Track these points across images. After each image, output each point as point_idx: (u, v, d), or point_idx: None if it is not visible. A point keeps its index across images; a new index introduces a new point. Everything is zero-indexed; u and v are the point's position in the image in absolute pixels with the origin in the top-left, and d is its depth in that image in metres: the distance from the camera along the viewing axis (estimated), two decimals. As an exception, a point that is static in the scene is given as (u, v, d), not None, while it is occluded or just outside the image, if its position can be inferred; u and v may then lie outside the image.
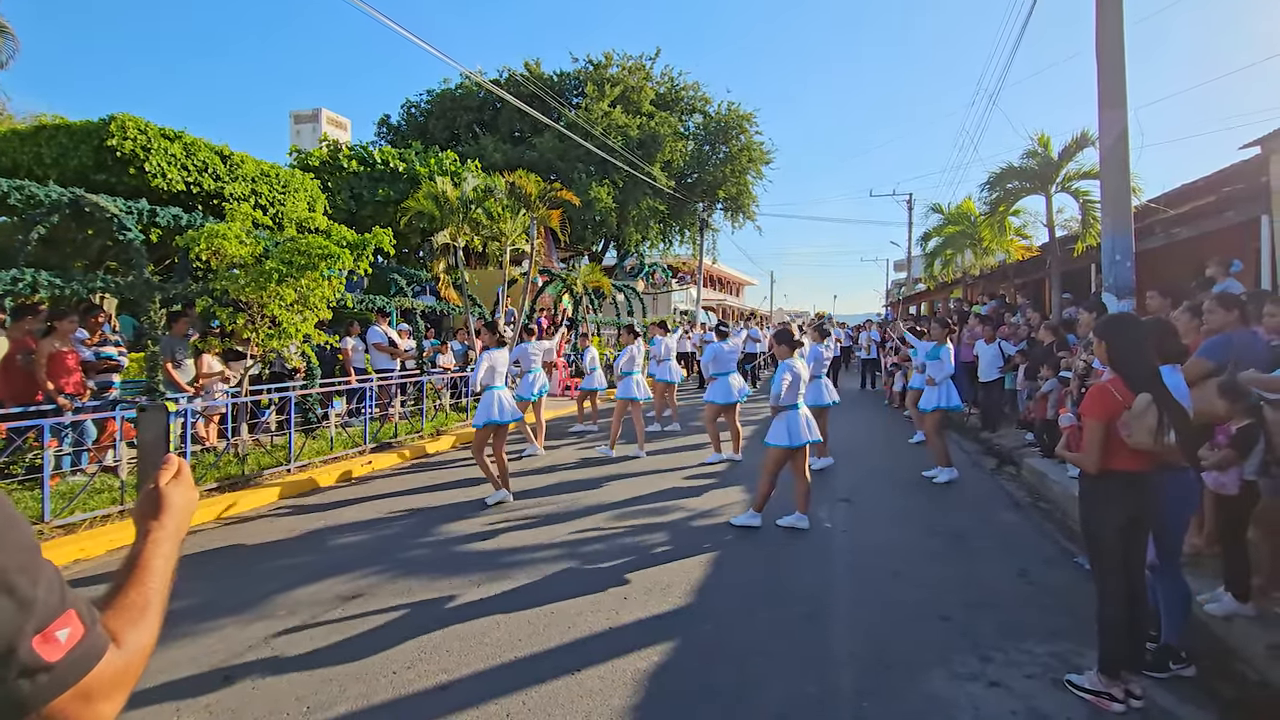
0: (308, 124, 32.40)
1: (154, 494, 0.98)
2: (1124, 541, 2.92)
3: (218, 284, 6.61)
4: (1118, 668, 2.90)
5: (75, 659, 0.72)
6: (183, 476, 1.03)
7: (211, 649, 3.40)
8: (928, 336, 8.19)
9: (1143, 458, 2.85)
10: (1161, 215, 9.42)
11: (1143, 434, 2.75)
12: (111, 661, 0.76)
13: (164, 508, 0.97)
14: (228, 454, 6.72)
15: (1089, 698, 2.90)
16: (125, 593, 0.86)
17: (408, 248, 15.93)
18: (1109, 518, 2.91)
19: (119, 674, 0.78)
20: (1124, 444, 2.84)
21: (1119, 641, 2.90)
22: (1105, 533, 2.93)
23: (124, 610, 0.84)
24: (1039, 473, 6.80)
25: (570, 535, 5.22)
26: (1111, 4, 6.82)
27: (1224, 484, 3.58)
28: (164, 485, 0.99)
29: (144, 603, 0.86)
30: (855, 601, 4.00)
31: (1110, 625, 2.91)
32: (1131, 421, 2.78)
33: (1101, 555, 2.98)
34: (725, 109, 26.85)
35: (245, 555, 4.86)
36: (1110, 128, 6.90)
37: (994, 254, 14.90)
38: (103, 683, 0.75)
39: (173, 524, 0.96)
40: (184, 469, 1.04)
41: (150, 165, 8.71)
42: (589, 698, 2.95)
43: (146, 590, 0.87)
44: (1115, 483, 2.91)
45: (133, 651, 0.81)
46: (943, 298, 22.10)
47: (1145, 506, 2.92)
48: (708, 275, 38.23)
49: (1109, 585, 2.94)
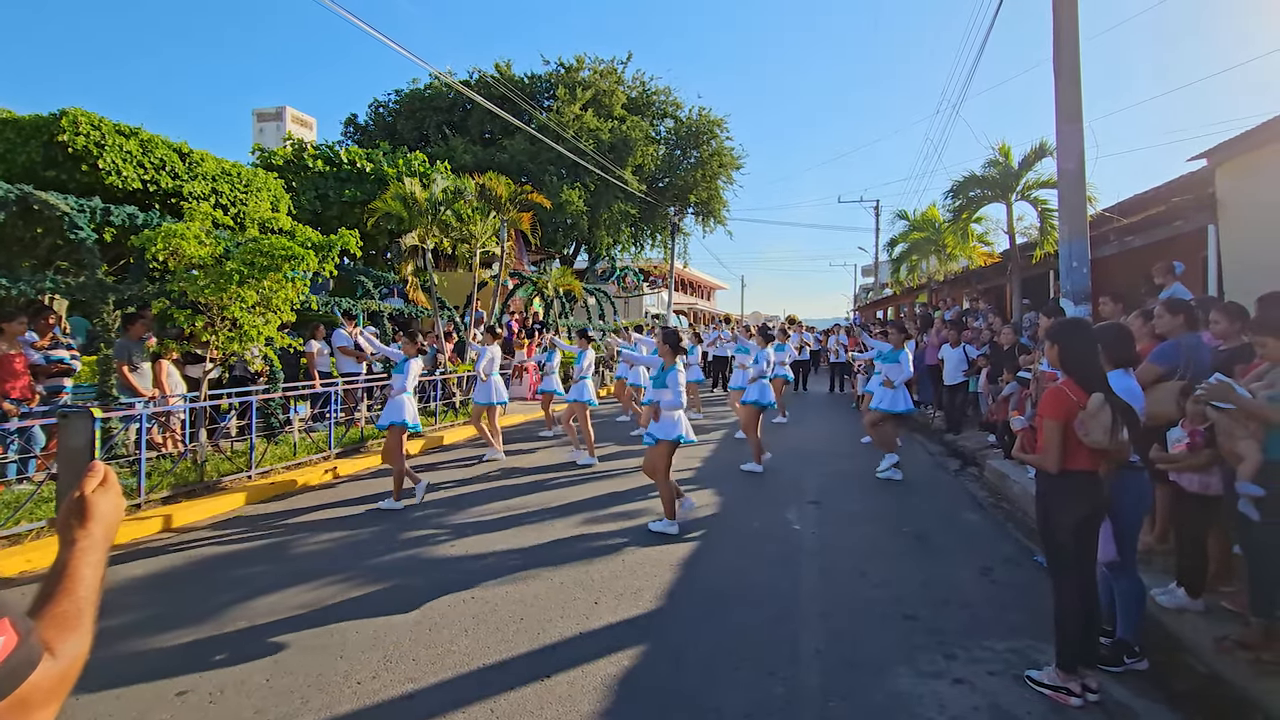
0: (271, 122, 31.80)
1: (80, 502, 0.96)
2: (1078, 539, 3.01)
3: (175, 285, 6.41)
4: (1075, 663, 2.98)
5: (11, 668, 0.72)
6: (109, 484, 1.01)
7: (165, 663, 3.28)
8: (887, 339, 8.41)
9: (1097, 457, 2.95)
10: (1116, 224, 9.76)
11: (1098, 432, 2.85)
12: (47, 671, 0.77)
13: (91, 516, 0.95)
14: (185, 460, 6.52)
15: (1048, 693, 2.98)
16: (56, 602, 0.86)
17: (375, 249, 15.70)
18: (1065, 516, 3.00)
19: (54, 683, 0.78)
20: (1080, 444, 2.93)
21: (1076, 637, 2.98)
22: (1061, 531, 3.02)
23: (56, 620, 0.84)
24: (1000, 473, 6.97)
25: (539, 540, 5.17)
26: (1068, 21, 7.06)
27: (1209, 484, 3.61)
28: (90, 493, 0.97)
29: (75, 611, 0.86)
30: (823, 601, 4.05)
31: (1067, 621, 3.00)
32: (1087, 421, 2.88)
33: (1057, 553, 3.07)
34: (696, 114, 27.08)
35: (202, 565, 4.71)
36: (1067, 140, 7.13)
37: (957, 260, 15.29)
38: (39, 692, 0.75)
39: (100, 532, 0.95)
40: (110, 476, 1.02)
41: (104, 162, 8.43)
42: (558, 704, 2.93)
43: (77, 599, 0.87)
44: (1072, 482, 2.99)
45: (67, 661, 0.81)
46: (909, 302, 22.54)
47: (1099, 505, 3.02)
48: (679, 279, 38.41)
49: (1064, 582, 3.03)
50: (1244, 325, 3.83)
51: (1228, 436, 3.22)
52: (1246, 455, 3.10)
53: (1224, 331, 4.02)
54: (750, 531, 5.40)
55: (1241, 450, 3.12)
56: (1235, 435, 3.17)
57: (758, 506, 6.15)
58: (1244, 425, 3.14)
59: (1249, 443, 3.10)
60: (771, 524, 5.60)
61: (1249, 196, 7.00)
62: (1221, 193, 7.33)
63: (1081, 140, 7.09)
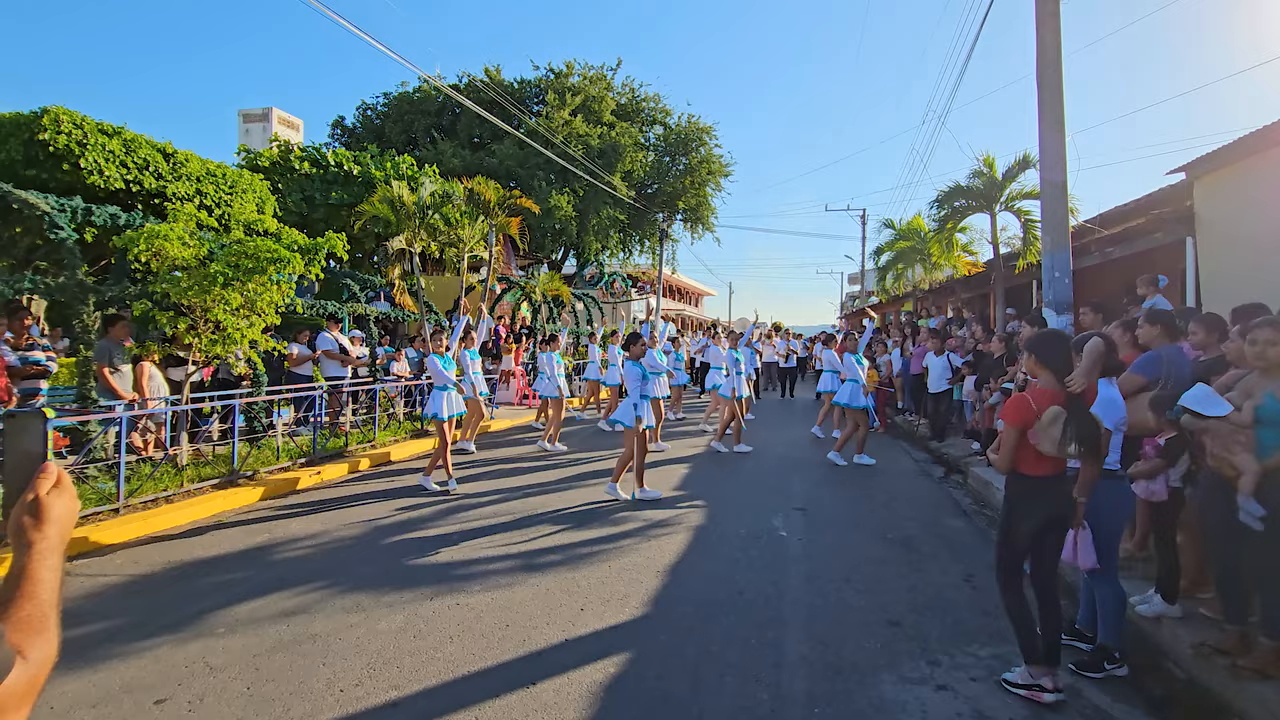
0: (257, 123, 31.54)
1: (34, 504, 0.95)
2: (1037, 542, 3.12)
3: (158, 287, 6.33)
4: (1038, 654, 3.06)
5: None
6: (62, 485, 1.00)
7: (144, 671, 3.23)
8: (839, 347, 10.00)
9: (1052, 463, 3.05)
10: (1097, 235, 9.92)
11: (1047, 443, 2.96)
12: (19, 675, 0.78)
13: (46, 518, 0.94)
14: (165, 465, 6.42)
15: (1023, 693, 3.05)
16: (19, 606, 0.86)
17: (362, 252, 15.61)
18: (1026, 519, 3.11)
19: (26, 687, 0.80)
20: (1036, 450, 3.03)
21: (1031, 629, 3.10)
22: (1018, 533, 3.13)
23: (21, 624, 0.84)
24: (984, 480, 7.03)
25: (525, 545, 5.15)
26: (1051, 34, 7.19)
27: (1154, 491, 3.79)
28: (44, 495, 0.96)
29: (40, 615, 0.86)
30: (808, 608, 4.06)
31: (1015, 614, 3.12)
32: (1039, 431, 2.98)
33: (1009, 551, 3.18)
34: (685, 121, 27.19)
35: (182, 571, 4.64)
36: (1050, 151, 7.25)
37: (942, 269, 15.46)
38: (13, 695, 0.77)
39: (55, 534, 0.95)
40: (64, 477, 1.01)
41: (86, 161, 8.32)
42: (544, 711, 2.91)
43: (40, 603, 0.87)
44: (1033, 487, 3.09)
45: (37, 664, 0.83)
46: (894, 310, 22.74)
47: (1061, 509, 3.11)
48: (667, 285, 38.43)
49: (1008, 577, 3.16)
50: (1221, 336, 3.91)
51: (1222, 446, 3.22)
52: (1244, 468, 3.06)
53: (1202, 342, 4.10)
54: (736, 538, 5.41)
55: (1239, 463, 3.09)
56: (1230, 445, 3.17)
57: (744, 513, 6.16)
58: (1239, 434, 3.13)
59: (1245, 455, 3.07)
60: (757, 530, 5.62)
61: (1226, 210, 7.14)
62: (1199, 206, 7.48)
63: (1064, 152, 7.21)
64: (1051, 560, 3.19)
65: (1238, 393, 3.23)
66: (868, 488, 7.24)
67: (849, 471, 8.12)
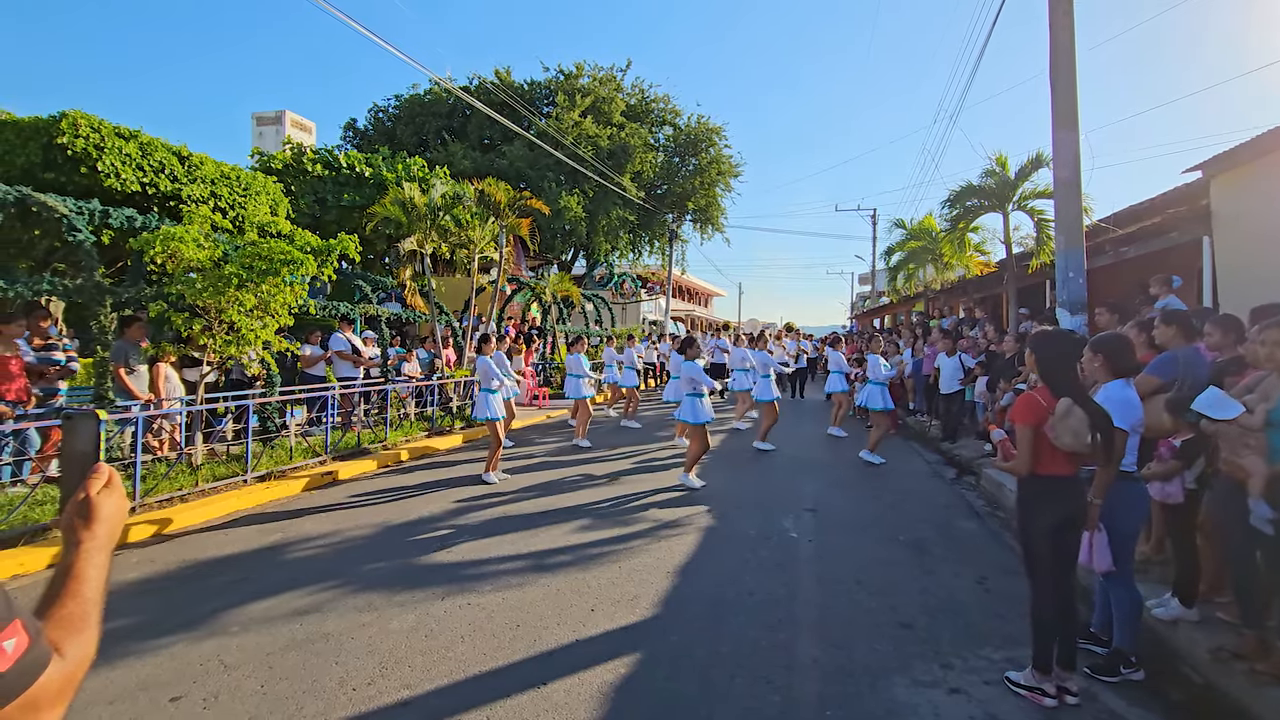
0: (271, 126, 31.77)
1: (85, 503, 0.97)
2: (1054, 544, 3.07)
3: (173, 288, 6.40)
4: (1050, 664, 3.04)
5: (22, 669, 0.73)
6: (113, 485, 1.01)
7: (159, 669, 3.27)
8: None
9: (1072, 462, 3.01)
10: (1111, 234, 9.82)
11: (1066, 435, 2.91)
12: (56, 672, 0.78)
13: (95, 517, 0.96)
14: (180, 464, 6.49)
15: (1024, 693, 3.04)
16: (62, 603, 0.87)
17: (373, 254, 15.69)
18: (1041, 520, 3.07)
19: (63, 684, 0.80)
20: (1054, 449, 2.99)
21: (1051, 639, 3.05)
22: (1037, 535, 3.09)
23: (63, 621, 0.85)
24: (997, 482, 6.97)
25: (536, 546, 5.16)
26: (1064, 31, 7.12)
27: (1170, 493, 3.74)
28: (95, 494, 0.98)
29: (82, 613, 0.87)
30: (819, 610, 4.04)
31: (1042, 623, 3.07)
32: (1056, 424, 2.94)
33: (1031, 557, 3.14)
34: (695, 122, 27.15)
35: (196, 570, 4.69)
36: (1063, 149, 7.18)
37: (954, 269, 15.35)
38: (48, 693, 0.77)
39: (104, 533, 0.96)
40: (114, 477, 1.02)
41: (103, 165, 8.42)
42: (555, 711, 2.92)
43: (83, 601, 0.88)
44: (1046, 487, 3.06)
45: (74, 662, 0.83)
46: (905, 311, 22.60)
47: (1075, 510, 3.07)
48: (677, 286, 38.46)
49: (1038, 585, 3.10)
50: (1238, 337, 3.86)
51: (1231, 449, 3.20)
52: (1253, 470, 3.04)
53: (1218, 343, 4.04)
54: (747, 539, 5.39)
55: (1248, 465, 3.07)
56: (1238, 448, 3.14)
57: (754, 514, 6.15)
58: (1248, 437, 3.11)
59: (1254, 458, 3.05)
60: (768, 531, 5.60)
61: (1243, 209, 7.05)
62: (1216, 205, 7.39)
63: (1078, 150, 7.14)
64: (1068, 562, 3.15)
65: (1257, 395, 3.19)
66: (879, 489, 7.20)
67: (860, 472, 8.08)
